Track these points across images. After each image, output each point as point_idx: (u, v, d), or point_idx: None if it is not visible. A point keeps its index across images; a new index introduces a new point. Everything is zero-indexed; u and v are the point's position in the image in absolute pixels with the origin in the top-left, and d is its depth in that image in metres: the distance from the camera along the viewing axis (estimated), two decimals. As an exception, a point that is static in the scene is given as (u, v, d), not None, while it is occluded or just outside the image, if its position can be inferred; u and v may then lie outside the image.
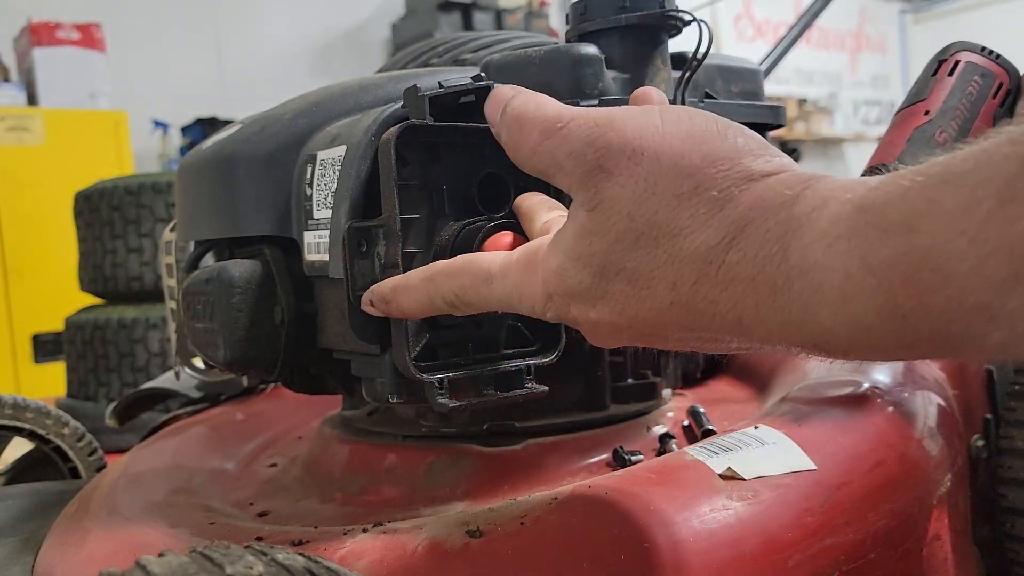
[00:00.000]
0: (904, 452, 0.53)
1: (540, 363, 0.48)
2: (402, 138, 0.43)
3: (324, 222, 0.49)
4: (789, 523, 0.46)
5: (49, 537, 0.60)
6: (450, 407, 0.43)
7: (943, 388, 0.65)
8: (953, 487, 0.56)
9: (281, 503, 0.62)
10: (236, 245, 0.58)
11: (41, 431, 0.84)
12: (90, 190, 2.24)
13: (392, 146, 0.43)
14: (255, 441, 0.78)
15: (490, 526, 0.45)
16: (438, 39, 0.74)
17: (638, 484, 0.47)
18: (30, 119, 3.25)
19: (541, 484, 0.56)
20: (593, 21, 0.56)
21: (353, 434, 0.65)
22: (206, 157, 0.58)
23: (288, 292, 0.53)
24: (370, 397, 0.49)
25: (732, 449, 0.51)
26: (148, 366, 2.12)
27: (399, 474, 0.60)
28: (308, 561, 0.34)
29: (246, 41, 4.80)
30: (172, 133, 4.28)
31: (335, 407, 0.74)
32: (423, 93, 0.44)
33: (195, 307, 0.55)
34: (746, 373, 0.78)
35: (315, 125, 0.54)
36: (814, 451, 0.50)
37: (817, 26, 1.23)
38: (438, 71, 0.58)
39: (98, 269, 2.22)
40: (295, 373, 0.60)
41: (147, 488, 0.65)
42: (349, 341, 0.48)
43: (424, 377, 0.44)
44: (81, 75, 3.45)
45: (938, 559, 0.53)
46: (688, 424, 0.65)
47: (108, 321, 2.14)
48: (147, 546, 0.52)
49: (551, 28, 4.69)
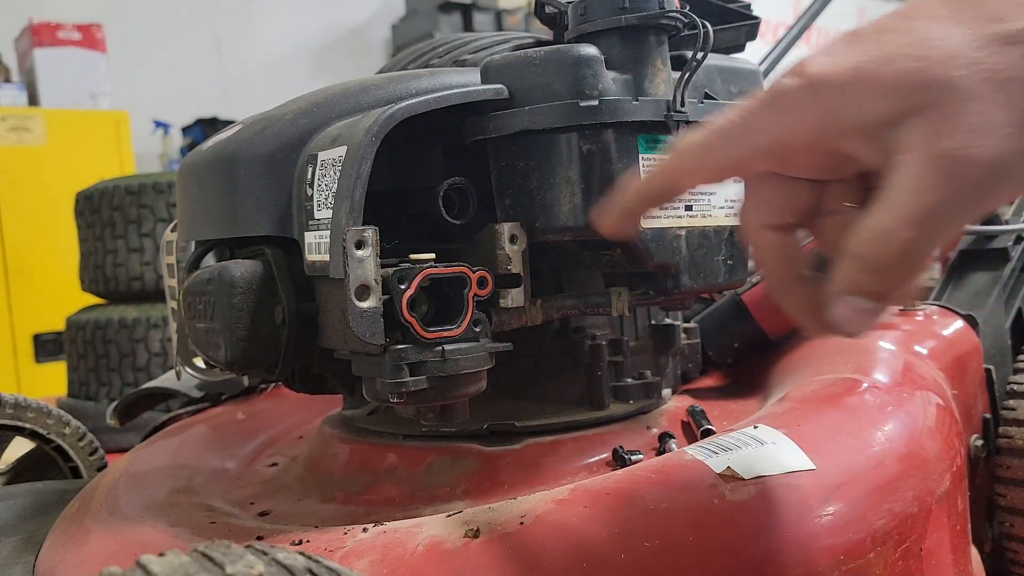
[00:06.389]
0: (903, 452, 0.53)
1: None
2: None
3: (325, 222, 0.49)
4: (788, 523, 0.46)
5: (50, 536, 0.60)
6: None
7: (942, 388, 0.65)
8: (952, 487, 0.56)
9: (282, 502, 0.62)
10: (237, 245, 0.58)
11: (42, 431, 0.85)
12: (91, 190, 2.25)
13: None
14: (256, 440, 0.78)
15: (490, 526, 0.46)
16: (438, 40, 0.74)
17: (638, 484, 0.48)
18: (31, 119, 3.26)
19: (541, 484, 0.56)
20: (593, 21, 0.56)
21: (353, 433, 0.65)
22: (207, 157, 0.58)
23: (289, 292, 0.53)
24: (370, 397, 0.49)
25: (731, 449, 0.51)
26: (149, 366, 2.13)
27: (399, 473, 0.60)
28: (309, 560, 0.34)
29: (246, 41, 4.80)
30: (173, 133, 4.28)
31: (335, 406, 0.74)
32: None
33: (196, 307, 0.55)
34: (745, 372, 0.78)
35: (316, 125, 0.54)
36: (814, 451, 0.51)
37: (816, 26, 1.25)
38: (439, 72, 0.58)
39: (99, 269, 2.22)
40: (296, 373, 0.60)
41: (148, 487, 0.65)
42: (350, 341, 0.48)
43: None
44: (82, 75, 3.45)
45: (938, 559, 0.53)
46: (687, 423, 0.65)
47: (109, 321, 2.14)
48: (148, 545, 0.52)
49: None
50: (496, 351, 0.50)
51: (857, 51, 0.37)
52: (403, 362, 0.46)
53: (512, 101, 0.53)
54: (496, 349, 0.50)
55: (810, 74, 0.37)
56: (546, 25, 0.63)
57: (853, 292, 0.38)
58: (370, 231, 0.45)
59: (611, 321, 0.65)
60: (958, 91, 0.35)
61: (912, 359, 0.67)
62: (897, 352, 0.67)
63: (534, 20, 0.66)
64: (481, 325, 0.49)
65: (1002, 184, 0.36)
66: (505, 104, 0.53)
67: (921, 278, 0.42)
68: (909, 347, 0.70)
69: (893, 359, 0.65)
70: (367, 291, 0.45)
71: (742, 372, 0.79)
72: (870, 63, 0.36)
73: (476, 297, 0.48)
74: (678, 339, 0.70)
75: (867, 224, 0.37)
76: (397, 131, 0.48)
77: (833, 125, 0.37)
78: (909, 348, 0.69)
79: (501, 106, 0.53)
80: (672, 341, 0.69)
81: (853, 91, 0.36)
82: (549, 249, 0.57)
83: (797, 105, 0.37)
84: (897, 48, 0.36)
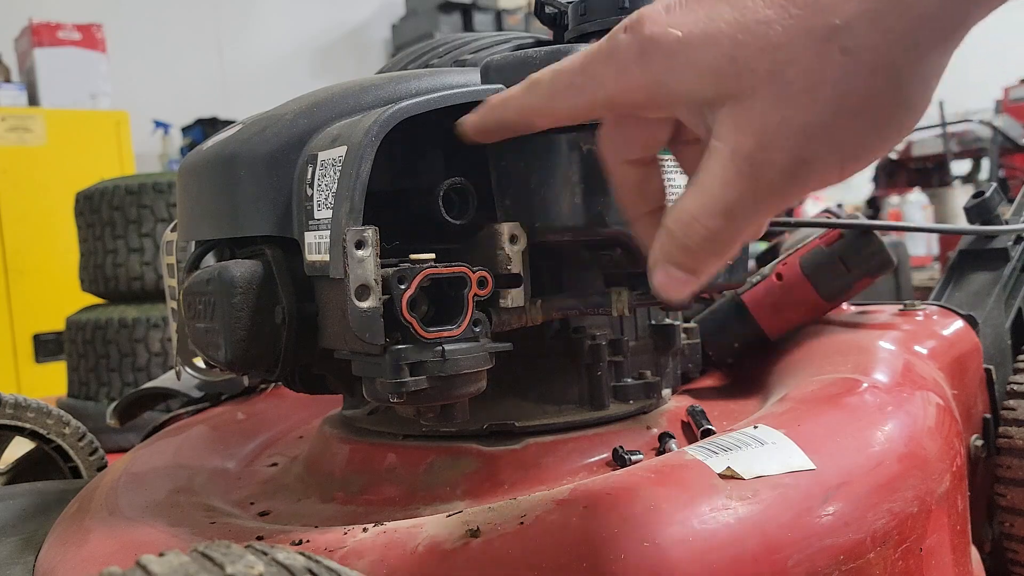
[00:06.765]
0: (903, 452, 0.53)
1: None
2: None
3: (325, 222, 0.49)
4: (788, 523, 0.46)
5: (50, 536, 0.60)
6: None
7: (942, 388, 0.65)
8: (952, 487, 0.56)
9: (282, 502, 0.62)
10: (237, 245, 0.58)
11: (42, 431, 0.85)
12: (91, 190, 2.25)
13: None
14: (256, 440, 0.78)
15: (490, 526, 0.46)
16: (438, 40, 0.74)
17: (638, 484, 0.48)
18: (31, 119, 3.26)
19: (541, 484, 0.56)
20: (593, 21, 0.56)
21: (353, 433, 0.65)
22: (207, 157, 0.58)
23: (289, 292, 0.53)
24: (370, 397, 0.49)
25: (731, 449, 0.51)
26: (149, 366, 2.13)
27: (399, 473, 0.60)
28: (309, 561, 0.34)
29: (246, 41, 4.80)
30: (173, 133, 4.28)
31: (335, 406, 0.74)
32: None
33: (196, 307, 0.55)
34: (746, 372, 0.78)
35: (316, 125, 0.54)
36: (813, 451, 0.51)
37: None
38: (439, 72, 0.58)
39: (99, 269, 2.22)
40: (296, 373, 0.60)
41: (148, 487, 0.65)
42: (350, 341, 0.48)
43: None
44: (82, 75, 3.45)
45: (938, 559, 0.53)
46: (687, 423, 0.65)
47: (109, 321, 2.15)
48: (148, 545, 0.52)
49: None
50: (496, 351, 0.50)
51: (692, 16, 0.36)
52: (403, 362, 0.46)
53: (512, 101, 0.53)
54: (496, 349, 0.50)
55: (644, 35, 0.36)
56: (546, 25, 0.63)
57: (667, 263, 0.39)
58: (370, 231, 0.45)
59: (611, 321, 0.65)
60: (767, 88, 0.34)
61: (912, 359, 0.67)
62: (897, 352, 0.67)
63: (534, 20, 0.66)
64: (481, 325, 0.49)
65: (801, 184, 0.36)
66: (505, 104, 0.53)
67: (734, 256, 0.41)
68: (909, 347, 0.70)
69: (893, 359, 0.65)
70: (367, 291, 0.45)
71: (742, 372, 0.79)
72: (697, 37, 0.35)
73: (476, 297, 0.48)
74: (678, 339, 0.70)
75: (679, 205, 0.38)
76: (397, 131, 0.48)
77: (663, 94, 0.37)
78: (909, 348, 0.69)
79: (501, 106, 0.53)
80: (672, 341, 0.69)
81: (679, 64, 0.36)
82: (549, 249, 0.57)
83: (629, 65, 0.37)
84: (724, 26, 0.35)
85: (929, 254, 4.65)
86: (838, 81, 0.33)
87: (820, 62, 0.33)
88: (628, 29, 0.37)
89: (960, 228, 0.91)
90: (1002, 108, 4.14)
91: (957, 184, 4.04)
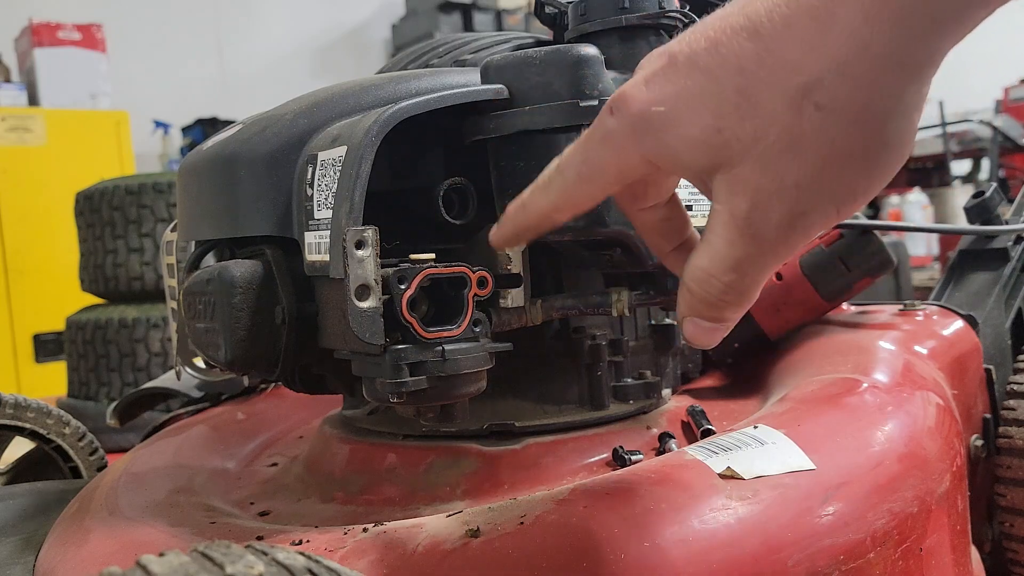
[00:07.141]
0: (903, 452, 0.53)
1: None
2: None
3: (325, 222, 0.49)
4: (788, 523, 0.46)
5: (50, 536, 0.60)
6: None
7: (942, 388, 0.65)
8: (952, 487, 0.56)
9: (282, 502, 0.62)
10: (237, 245, 0.58)
11: (42, 431, 0.85)
12: (91, 190, 2.25)
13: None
14: (256, 441, 0.78)
15: (490, 526, 0.46)
16: (438, 40, 0.74)
17: (638, 484, 0.48)
18: (31, 119, 3.26)
19: (541, 484, 0.56)
20: (593, 21, 0.56)
21: (353, 433, 0.65)
22: (207, 157, 0.58)
23: (289, 292, 0.53)
24: (370, 397, 0.49)
25: (731, 449, 0.51)
26: (149, 366, 2.13)
27: (399, 473, 0.60)
28: (308, 561, 0.34)
29: (246, 41, 4.80)
30: (173, 133, 4.28)
31: (335, 406, 0.74)
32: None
33: (196, 307, 0.55)
34: (746, 373, 0.78)
35: (316, 125, 0.54)
36: (813, 451, 0.51)
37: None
38: (439, 72, 0.58)
39: (99, 269, 2.22)
40: (296, 373, 0.60)
41: (148, 487, 0.65)
42: (350, 341, 0.48)
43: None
44: (82, 75, 3.45)
45: (938, 559, 0.53)
46: (687, 423, 0.65)
47: (109, 321, 2.15)
48: (148, 545, 0.52)
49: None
50: (496, 351, 0.50)
51: (671, 87, 0.37)
52: (403, 362, 0.46)
53: (512, 101, 0.53)
54: (496, 349, 0.50)
55: (631, 114, 0.37)
56: (546, 25, 0.63)
57: (693, 316, 0.40)
58: (370, 231, 0.45)
59: (611, 321, 0.65)
60: (754, 153, 0.35)
61: (912, 359, 0.67)
62: (897, 352, 0.67)
63: (534, 20, 0.66)
64: (481, 325, 0.49)
65: (802, 234, 0.37)
66: (505, 104, 0.53)
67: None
68: (909, 347, 0.70)
69: (893, 359, 0.65)
70: (367, 291, 0.45)
71: (742, 372, 0.79)
72: (681, 111, 0.36)
73: (476, 297, 0.48)
74: (678, 339, 0.70)
75: (693, 263, 0.39)
76: (397, 131, 0.48)
77: (662, 163, 0.38)
78: (909, 348, 0.70)
79: (501, 106, 0.53)
80: (672, 341, 0.69)
81: (669, 138, 0.37)
82: (549, 249, 0.57)
83: (624, 146, 0.38)
84: (704, 97, 0.36)
85: (929, 254, 4.65)
86: (818, 136, 0.34)
87: (798, 120, 0.34)
88: (614, 111, 0.38)
89: (960, 228, 0.91)
90: (1002, 108, 4.15)
91: (957, 184, 4.04)
